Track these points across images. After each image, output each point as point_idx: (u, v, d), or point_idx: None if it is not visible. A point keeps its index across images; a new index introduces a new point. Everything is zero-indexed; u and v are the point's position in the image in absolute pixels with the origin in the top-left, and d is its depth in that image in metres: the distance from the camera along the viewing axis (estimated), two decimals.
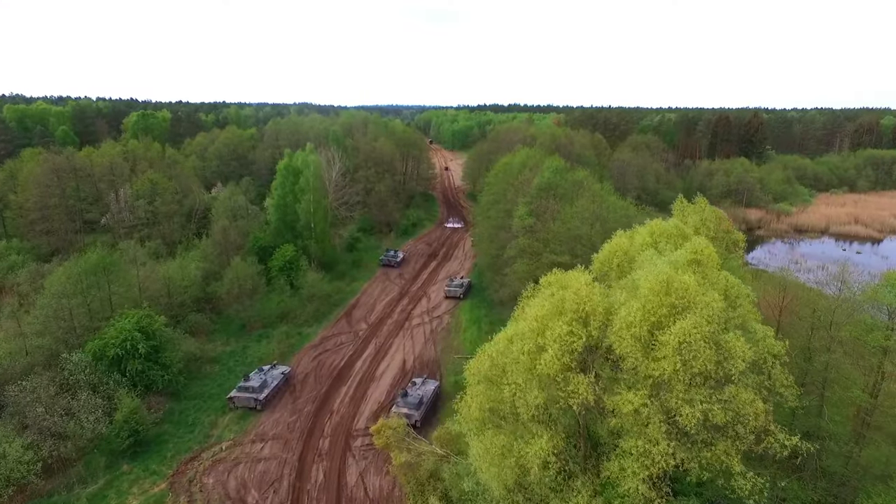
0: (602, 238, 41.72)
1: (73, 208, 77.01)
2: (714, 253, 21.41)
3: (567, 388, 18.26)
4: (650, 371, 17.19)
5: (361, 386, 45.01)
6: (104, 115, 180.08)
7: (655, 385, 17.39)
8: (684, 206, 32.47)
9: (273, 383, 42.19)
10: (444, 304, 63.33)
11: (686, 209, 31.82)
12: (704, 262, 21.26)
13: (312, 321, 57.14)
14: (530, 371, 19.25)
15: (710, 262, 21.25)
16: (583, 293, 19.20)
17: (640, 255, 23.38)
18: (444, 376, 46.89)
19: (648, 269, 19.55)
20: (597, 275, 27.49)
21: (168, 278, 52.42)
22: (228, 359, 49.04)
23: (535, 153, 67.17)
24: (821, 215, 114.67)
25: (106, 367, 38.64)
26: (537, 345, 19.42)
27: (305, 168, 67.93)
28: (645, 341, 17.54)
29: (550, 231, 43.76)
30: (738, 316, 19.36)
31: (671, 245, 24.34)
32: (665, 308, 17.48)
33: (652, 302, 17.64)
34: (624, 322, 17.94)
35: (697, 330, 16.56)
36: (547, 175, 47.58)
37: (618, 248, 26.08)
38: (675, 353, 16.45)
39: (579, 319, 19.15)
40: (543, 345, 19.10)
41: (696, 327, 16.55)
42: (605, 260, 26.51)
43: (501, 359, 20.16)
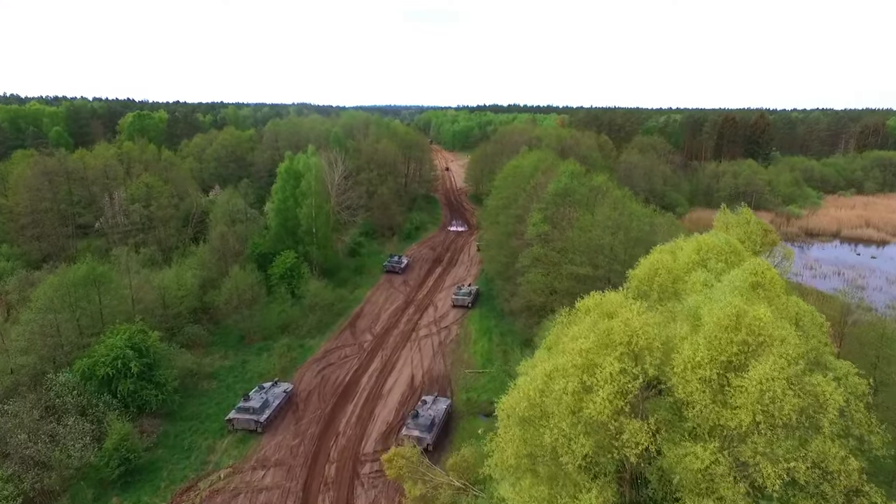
0: (625, 248, 39.41)
1: (66, 213, 74.31)
2: (777, 275, 18.99)
3: (621, 437, 15.75)
4: (723, 421, 14.72)
5: (368, 404, 42.46)
6: (99, 115, 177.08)
7: (728, 437, 14.93)
8: (727, 218, 29.94)
9: (275, 403, 39.61)
10: (452, 313, 60.81)
11: (729, 221, 29.31)
12: (767, 285, 18.81)
13: (315, 332, 54.56)
14: (575, 414, 16.73)
15: (774, 285, 18.82)
16: (635, 324, 16.69)
17: (690, 276, 20.88)
18: (455, 393, 44.39)
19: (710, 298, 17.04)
20: (634, 294, 24.97)
21: (163, 288, 49.80)
22: (227, 374, 46.43)
23: (546, 156, 64.77)
24: (831, 218, 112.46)
25: (95, 387, 36.03)
26: (583, 384, 16.90)
27: (307, 171, 65.33)
28: (714, 385, 15.06)
29: (568, 240, 41.27)
30: (812, 349, 16.93)
31: (722, 263, 21.86)
32: (736, 346, 15.02)
33: (720, 339, 15.16)
34: (688, 362, 15.45)
35: (781, 373, 14.10)
36: (564, 180, 45.09)
37: (659, 265, 23.57)
38: (756, 401, 13.98)
39: (631, 354, 16.63)
40: (591, 385, 16.58)
41: (779, 371, 14.09)
42: (645, 279, 24.00)
43: (540, 398, 17.63)
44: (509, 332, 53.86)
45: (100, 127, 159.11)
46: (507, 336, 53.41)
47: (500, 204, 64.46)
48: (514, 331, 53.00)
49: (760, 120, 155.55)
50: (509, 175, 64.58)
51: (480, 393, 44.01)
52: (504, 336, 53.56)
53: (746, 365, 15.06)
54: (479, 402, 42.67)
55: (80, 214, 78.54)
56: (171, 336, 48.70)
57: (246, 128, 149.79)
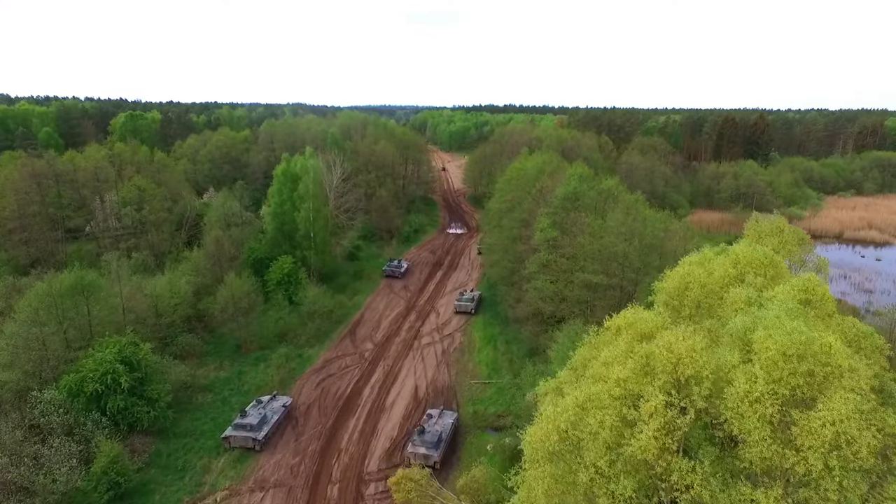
0: (639, 256, 37.85)
1: (55, 216, 72.02)
2: (828, 291, 17.41)
3: (669, 478, 14.07)
4: (787, 464, 13.06)
5: (371, 418, 40.64)
6: (90, 115, 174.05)
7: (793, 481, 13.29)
8: (760, 227, 28.24)
9: (273, 418, 37.73)
10: (455, 319, 59.06)
11: (762, 229, 27.63)
12: (818, 303, 17.21)
13: (314, 341, 52.67)
14: (613, 450, 15.02)
15: (826, 303, 17.22)
16: (679, 350, 15.00)
17: (729, 292, 19.22)
18: (460, 405, 42.64)
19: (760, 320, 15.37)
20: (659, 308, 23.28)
21: (156, 296, 47.77)
22: (222, 387, 44.48)
23: (552, 158, 63.12)
24: (833, 220, 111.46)
25: (83, 405, 34.04)
26: (622, 417, 15.19)
27: (305, 174, 63.42)
28: (776, 421, 13.40)
29: (579, 247, 39.61)
30: (873, 376, 15.33)
31: (761, 278, 20.22)
32: (800, 378, 13.37)
33: (782, 369, 13.50)
34: (744, 395, 13.78)
35: (855, 411, 12.48)
36: (573, 184, 43.44)
37: (691, 279, 21.90)
38: (829, 444, 12.34)
39: (676, 384, 14.94)
40: (633, 419, 14.88)
41: (853, 408, 12.46)
42: (675, 293, 22.33)
43: (572, 431, 15.91)
44: (515, 340, 52.20)
45: (91, 127, 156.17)
46: (512, 344, 51.73)
47: (503, 207, 62.78)
48: (521, 339, 51.35)
49: (760, 120, 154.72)
50: (513, 177, 62.90)
51: (487, 405, 42.30)
52: (509, 344, 51.87)
53: (813, 399, 13.43)
54: (487, 415, 40.97)
55: (70, 218, 76.27)
56: (163, 346, 46.77)
57: (241, 128, 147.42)
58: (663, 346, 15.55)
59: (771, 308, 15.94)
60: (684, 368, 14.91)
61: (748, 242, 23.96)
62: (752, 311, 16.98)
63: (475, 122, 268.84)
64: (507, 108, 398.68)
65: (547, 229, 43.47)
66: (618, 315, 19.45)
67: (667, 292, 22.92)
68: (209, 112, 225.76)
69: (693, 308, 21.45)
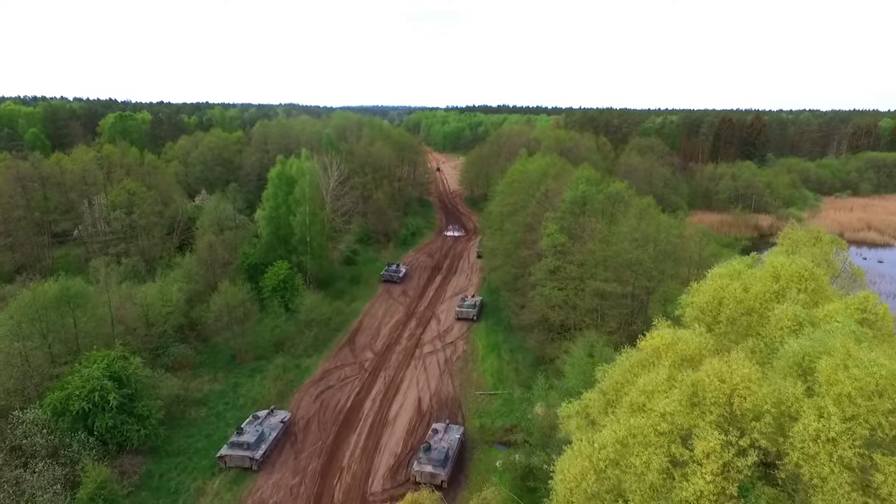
0: (655, 263, 36.39)
1: (41, 221, 69.63)
2: (888, 310, 15.96)
3: None
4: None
5: (373, 433, 38.88)
6: (79, 116, 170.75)
7: None
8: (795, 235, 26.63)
9: (271, 435, 35.87)
10: (457, 326, 57.40)
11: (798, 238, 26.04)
12: (877, 323, 15.75)
13: (312, 350, 50.81)
14: (663, 495, 13.41)
15: (885, 322, 15.77)
16: (734, 379, 13.43)
17: (772, 310, 17.69)
18: (466, 418, 40.97)
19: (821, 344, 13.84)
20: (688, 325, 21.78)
21: (146, 305, 45.71)
22: (217, 400, 42.52)
23: (555, 160, 61.64)
24: (832, 221, 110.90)
25: (69, 424, 32.04)
26: (671, 456, 13.59)
27: (300, 176, 61.52)
28: (854, 465, 11.87)
29: (590, 253, 38.07)
30: None
31: (804, 294, 18.73)
32: (881, 416, 11.86)
33: (859, 406, 11.98)
34: (816, 434, 12.23)
35: None
36: (581, 187, 41.92)
37: (726, 294, 20.39)
38: None
39: (730, 419, 13.36)
40: (684, 460, 13.29)
41: None
42: (707, 308, 20.81)
43: (612, 470, 14.29)
44: (520, 349, 50.63)
45: (79, 128, 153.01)
46: (517, 353, 50.16)
47: (505, 210, 61.22)
48: (526, 347, 49.80)
49: (756, 121, 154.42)
50: (515, 180, 61.34)
51: (494, 418, 40.67)
52: (514, 353, 50.29)
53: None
54: (494, 428, 39.32)
55: (57, 222, 73.97)
56: (154, 357, 44.79)
57: (233, 129, 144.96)
58: (713, 375, 13.98)
59: (830, 331, 14.39)
60: (740, 401, 13.34)
61: (781, 252, 22.47)
62: (806, 334, 15.43)
63: (469, 122, 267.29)
64: (501, 109, 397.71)
65: (555, 234, 41.91)
66: (652, 334, 17.84)
67: (698, 307, 21.39)
68: (200, 113, 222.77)
69: (727, 325, 19.90)
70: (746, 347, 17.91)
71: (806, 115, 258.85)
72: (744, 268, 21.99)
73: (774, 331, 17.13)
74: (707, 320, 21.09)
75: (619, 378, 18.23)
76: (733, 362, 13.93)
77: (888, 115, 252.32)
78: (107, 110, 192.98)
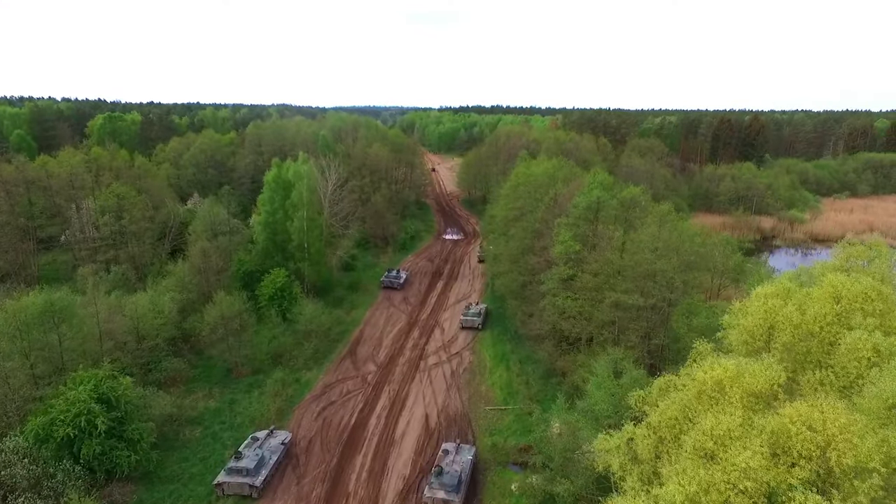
0: (680, 274, 34.53)
1: (26, 227, 66.79)
2: None
3: None
4: None
5: (379, 454, 36.71)
6: (66, 117, 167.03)
7: None
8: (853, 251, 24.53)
9: (272, 459, 33.60)
10: (462, 336, 55.36)
11: (856, 254, 23.99)
12: None
13: (312, 363, 48.56)
14: None
15: None
16: (830, 429, 11.45)
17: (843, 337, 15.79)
18: (477, 436, 38.89)
19: None
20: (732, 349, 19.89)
21: (137, 318, 43.26)
22: (213, 419, 40.17)
23: (563, 163, 59.73)
24: (834, 223, 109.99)
25: (53, 452, 29.66)
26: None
27: (298, 180, 59.18)
28: None
29: (608, 263, 36.13)
30: None
31: (874, 318, 16.83)
32: None
33: None
34: None
35: None
36: (595, 193, 40.01)
37: (777, 317, 18.45)
38: None
39: (828, 477, 11.39)
40: None
41: None
42: (757, 332, 18.88)
43: None
44: (529, 360, 48.66)
45: (67, 130, 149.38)
46: (526, 364, 48.17)
47: (510, 215, 59.24)
48: (536, 358, 47.84)
49: (755, 122, 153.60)
50: (520, 183, 59.38)
51: (507, 436, 38.62)
52: (524, 364, 48.29)
53: None
54: (507, 447, 37.25)
55: (43, 227, 71.12)
56: (145, 373, 42.46)
57: (225, 130, 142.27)
58: (800, 422, 11.96)
59: None
60: (839, 456, 11.34)
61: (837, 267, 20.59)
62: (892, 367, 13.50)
63: (464, 123, 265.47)
64: (495, 109, 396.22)
65: (568, 242, 39.95)
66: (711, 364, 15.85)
67: (745, 331, 19.43)
68: (192, 113, 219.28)
69: (783, 352, 17.96)
70: (814, 380, 15.96)
71: (800, 116, 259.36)
72: (794, 286, 20.06)
73: (848, 362, 15.22)
74: (757, 345, 19.18)
75: (674, 413, 16.23)
76: (827, 409, 11.97)
77: (883, 116, 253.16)
78: (95, 111, 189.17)
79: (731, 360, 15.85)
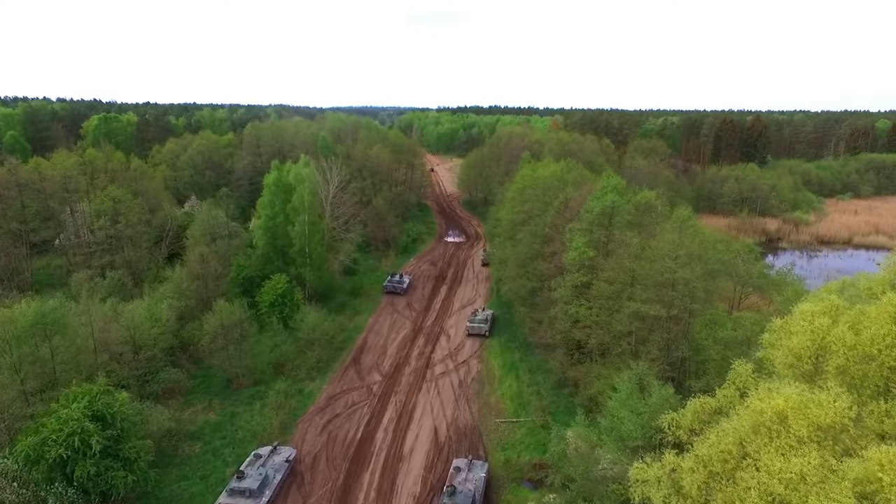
0: (702, 282, 33.12)
1: (19, 231, 65.00)
2: None
3: None
4: None
5: (388, 471, 35.16)
6: (61, 117, 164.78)
7: None
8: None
9: (276, 479, 32.03)
10: (468, 343, 53.85)
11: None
12: None
13: (315, 373, 46.98)
14: None
15: None
16: None
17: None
18: (488, 451, 37.37)
19: None
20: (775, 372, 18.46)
21: (133, 327, 41.60)
22: (213, 433, 38.54)
23: (573, 166, 58.27)
24: (840, 225, 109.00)
25: (44, 474, 28.00)
26: None
27: (299, 183, 57.59)
28: None
29: (626, 271, 34.68)
30: None
31: None
32: None
33: None
34: None
35: None
36: (609, 197, 38.56)
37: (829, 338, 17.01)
38: None
39: None
40: None
41: None
42: (804, 355, 17.43)
43: None
44: (539, 369, 47.20)
45: (61, 131, 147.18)
46: (537, 374, 46.70)
47: (517, 219, 57.76)
48: (546, 368, 46.36)
49: (757, 122, 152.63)
50: (527, 186, 57.92)
51: (520, 451, 37.14)
52: (534, 374, 46.82)
53: None
54: (521, 463, 35.77)
55: (37, 231, 69.32)
56: (142, 384, 40.79)
57: (223, 131, 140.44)
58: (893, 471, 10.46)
59: None
60: None
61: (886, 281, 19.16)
62: None
63: (463, 123, 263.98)
64: (493, 110, 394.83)
65: (582, 248, 38.48)
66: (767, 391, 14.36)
67: (791, 352, 17.96)
68: (189, 114, 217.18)
69: (836, 376, 16.49)
70: (880, 411, 14.50)
71: (800, 116, 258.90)
72: (845, 304, 18.62)
73: None
74: (805, 368, 17.70)
75: (728, 447, 14.73)
76: None
77: (884, 116, 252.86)
78: (91, 111, 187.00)
79: (790, 388, 14.39)
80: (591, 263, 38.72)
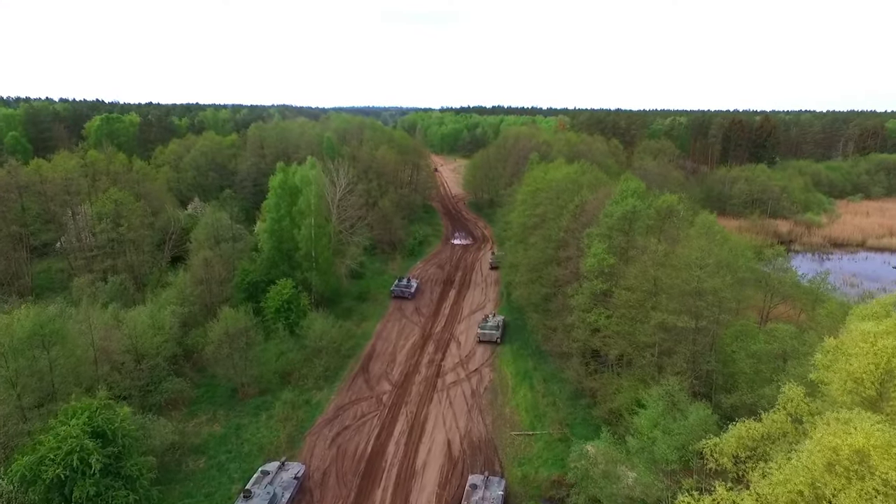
0: (732, 291, 31.56)
1: (19, 234, 63.71)
2: None
3: None
4: None
5: (400, 488, 33.65)
6: (62, 118, 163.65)
7: None
8: None
9: (284, 497, 30.56)
10: (479, 350, 52.33)
11: None
12: None
13: (322, 382, 45.49)
14: None
15: None
16: None
17: None
18: (504, 467, 35.83)
19: None
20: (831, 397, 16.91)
21: (135, 336, 40.19)
22: (218, 447, 37.07)
23: (588, 168, 56.73)
24: (853, 227, 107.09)
25: (41, 495, 26.58)
26: None
27: (305, 186, 56.13)
28: None
29: (651, 279, 33.12)
30: None
31: None
32: None
33: None
34: None
35: None
36: (630, 201, 37.01)
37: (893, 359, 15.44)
38: None
39: None
40: None
41: None
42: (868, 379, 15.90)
43: None
44: (554, 378, 45.66)
45: (63, 131, 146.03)
46: (551, 383, 45.16)
47: (529, 222, 56.21)
48: (562, 377, 44.80)
49: (766, 123, 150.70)
50: (539, 189, 56.36)
51: (538, 466, 35.58)
52: (548, 383, 45.28)
53: None
54: (539, 480, 34.26)
55: (37, 234, 68.07)
56: (144, 395, 39.37)
57: (226, 132, 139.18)
58: None
59: None
60: None
61: None
62: None
63: (466, 123, 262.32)
64: (497, 110, 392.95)
65: (602, 255, 36.92)
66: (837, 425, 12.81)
67: (850, 377, 16.40)
68: (192, 114, 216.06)
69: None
70: None
71: (807, 117, 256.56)
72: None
73: None
74: (867, 394, 16.16)
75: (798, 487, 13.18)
76: None
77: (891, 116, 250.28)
78: (93, 112, 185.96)
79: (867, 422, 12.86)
80: (611, 270, 37.14)
